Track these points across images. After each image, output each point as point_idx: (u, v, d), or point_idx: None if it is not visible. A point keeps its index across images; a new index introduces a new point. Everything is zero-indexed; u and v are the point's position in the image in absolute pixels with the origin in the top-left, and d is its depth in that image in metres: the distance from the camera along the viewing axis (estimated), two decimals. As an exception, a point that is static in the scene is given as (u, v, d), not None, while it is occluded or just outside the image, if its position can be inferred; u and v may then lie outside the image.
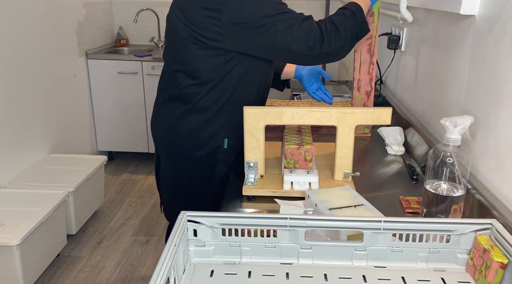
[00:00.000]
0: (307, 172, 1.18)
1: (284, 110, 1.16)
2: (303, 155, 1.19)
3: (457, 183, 0.94)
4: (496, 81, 0.99)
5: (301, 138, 1.25)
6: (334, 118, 1.17)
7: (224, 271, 0.84)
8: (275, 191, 1.17)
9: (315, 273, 0.83)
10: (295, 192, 1.16)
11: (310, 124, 1.18)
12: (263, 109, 1.16)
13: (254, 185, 1.18)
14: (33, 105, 2.63)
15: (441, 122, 0.95)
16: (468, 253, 0.84)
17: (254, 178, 1.19)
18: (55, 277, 2.26)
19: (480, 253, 0.80)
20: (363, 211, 1.02)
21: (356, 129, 1.62)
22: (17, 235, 1.93)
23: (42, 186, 2.39)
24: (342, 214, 1.00)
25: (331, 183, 1.21)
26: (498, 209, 0.92)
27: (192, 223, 0.85)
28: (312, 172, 1.18)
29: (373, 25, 1.48)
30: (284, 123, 1.17)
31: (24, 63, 2.55)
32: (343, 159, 1.20)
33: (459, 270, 0.85)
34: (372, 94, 1.59)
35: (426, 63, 1.50)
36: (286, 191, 1.16)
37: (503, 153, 0.96)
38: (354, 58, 1.55)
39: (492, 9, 1.02)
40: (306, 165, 1.20)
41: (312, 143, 1.22)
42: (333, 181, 1.22)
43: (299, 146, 1.19)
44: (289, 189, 1.17)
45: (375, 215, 1.00)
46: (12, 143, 2.45)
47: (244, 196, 1.18)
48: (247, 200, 1.17)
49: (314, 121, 1.17)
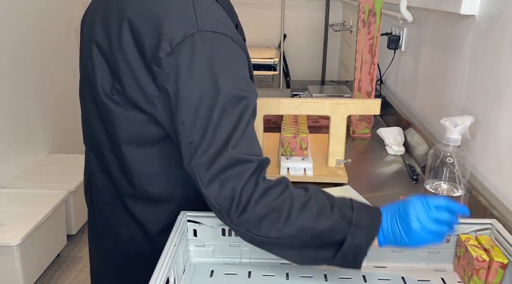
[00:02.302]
0: (303, 159, 1.26)
1: (282, 101, 1.25)
2: (299, 143, 1.27)
3: (457, 183, 0.94)
4: (496, 81, 0.99)
5: (297, 128, 1.33)
6: (328, 109, 1.25)
7: (224, 271, 0.84)
8: (272, 176, 1.20)
9: (315, 273, 0.83)
10: (291, 177, 1.22)
11: (306, 114, 1.29)
12: (263, 100, 1.21)
13: None
14: (33, 105, 2.63)
15: (441, 122, 0.95)
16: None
17: None
18: (55, 277, 2.26)
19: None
20: None
21: (356, 130, 1.64)
22: (17, 235, 1.93)
23: (42, 186, 2.38)
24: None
25: (325, 169, 1.28)
26: (498, 209, 0.92)
27: (192, 223, 0.85)
28: (307, 159, 1.26)
29: (375, 25, 1.49)
30: (281, 112, 1.27)
31: (24, 63, 2.54)
32: (336, 146, 1.28)
33: (459, 270, 0.85)
34: (373, 94, 1.59)
35: (426, 63, 1.50)
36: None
37: (503, 153, 0.96)
38: (355, 58, 1.55)
39: (492, 9, 1.02)
40: (302, 153, 1.28)
41: (308, 133, 1.30)
42: (326, 168, 1.29)
43: (295, 135, 1.27)
44: (285, 174, 1.24)
45: None
46: (12, 143, 2.45)
47: None
48: None
49: (309, 111, 1.27)
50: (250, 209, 0.69)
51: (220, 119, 0.71)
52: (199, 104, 0.71)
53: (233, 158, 0.70)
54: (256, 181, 0.71)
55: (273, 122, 1.69)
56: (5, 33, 2.38)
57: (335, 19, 3.64)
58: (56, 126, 2.91)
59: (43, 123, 2.76)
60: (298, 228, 0.71)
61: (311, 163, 1.25)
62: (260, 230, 0.70)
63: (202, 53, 0.71)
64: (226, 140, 0.70)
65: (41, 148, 2.75)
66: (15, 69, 2.46)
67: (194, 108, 0.71)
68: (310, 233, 0.71)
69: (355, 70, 1.56)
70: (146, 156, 0.84)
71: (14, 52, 2.45)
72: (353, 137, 1.63)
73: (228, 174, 0.70)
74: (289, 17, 3.65)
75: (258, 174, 0.72)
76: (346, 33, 3.35)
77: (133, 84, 0.76)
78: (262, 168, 0.74)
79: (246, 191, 0.70)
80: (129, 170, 0.85)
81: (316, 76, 3.79)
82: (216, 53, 0.72)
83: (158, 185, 0.86)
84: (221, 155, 0.70)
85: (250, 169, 0.71)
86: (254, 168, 0.72)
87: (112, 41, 0.77)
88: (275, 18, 3.68)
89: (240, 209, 0.70)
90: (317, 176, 1.23)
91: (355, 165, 1.34)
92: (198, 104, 0.71)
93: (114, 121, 0.82)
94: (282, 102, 1.25)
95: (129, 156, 0.84)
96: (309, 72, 3.81)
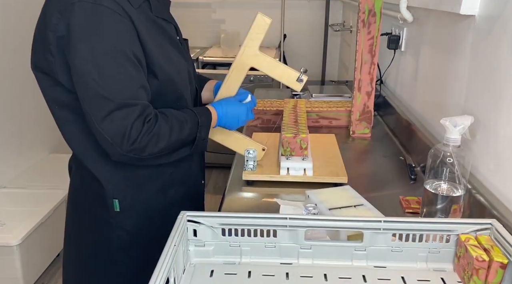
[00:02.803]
0: (302, 159, 1.26)
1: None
2: (299, 143, 1.27)
3: (457, 183, 0.94)
4: (496, 81, 0.99)
5: (297, 128, 1.33)
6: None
7: (224, 271, 0.84)
8: (272, 176, 1.25)
9: (315, 273, 0.83)
10: (291, 177, 1.24)
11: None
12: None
13: (253, 171, 1.26)
14: (33, 105, 2.63)
15: (441, 122, 0.95)
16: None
17: (253, 165, 1.26)
18: (55, 277, 2.25)
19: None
20: (363, 211, 1.02)
21: (356, 129, 1.64)
22: (17, 235, 1.93)
23: (42, 186, 2.38)
24: (342, 214, 1.01)
25: (325, 169, 1.27)
26: (498, 209, 0.92)
27: (192, 223, 0.85)
28: (307, 159, 1.26)
29: (375, 25, 1.49)
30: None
31: (24, 63, 2.54)
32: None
33: (459, 270, 0.85)
34: (372, 94, 1.59)
35: (426, 63, 1.50)
36: (283, 176, 1.24)
37: (503, 153, 0.96)
38: (355, 58, 1.55)
39: (492, 9, 1.02)
40: (302, 153, 1.28)
41: (308, 133, 1.29)
42: (326, 168, 1.27)
43: (295, 135, 1.27)
44: (285, 174, 1.24)
45: (375, 215, 1.00)
46: (12, 143, 2.45)
47: (244, 181, 1.26)
48: (247, 185, 1.26)
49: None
50: (138, 141, 0.96)
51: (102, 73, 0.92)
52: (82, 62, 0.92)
53: (121, 103, 0.93)
54: (142, 121, 0.96)
55: (273, 122, 1.69)
56: (6, 33, 2.38)
57: (335, 19, 3.64)
58: (56, 126, 2.90)
59: (43, 123, 2.76)
60: (170, 143, 1.02)
61: (311, 163, 1.24)
62: (145, 152, 0.98)
63: (79, 19, 0.90)
64: (113, 89, 0.93)
65: (41, 148, 2.75)
66: (15, 69, 2.46)
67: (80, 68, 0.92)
68: (178, 142, 1.04)
69: (355, 70, 1.56)
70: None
71: (14, 52, 2.45)
72: (353, 137, 1.63)
73: (116, 114, 0.93)
74: (289, 17, 3.65)
75: (144, 115, 0.96)
76: (346, 33, 3.35)
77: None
78: (144, 109, 0.96)
79: (134, 128, 0.95)
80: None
81: (316, 76, 3.79)
82: (92, 20, 0.91)
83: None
84: (109, 100, 0.92)
85: (136, 111, 0.95)
86: (140, 109, 0.95)
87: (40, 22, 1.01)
88: (275, 18, 3.68)
89: (130, 141, 0.95)
90: (317, 176, 1.23)
91: (355, 165, 1.34)
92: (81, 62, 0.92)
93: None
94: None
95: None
96: (309, 72, 3.76)
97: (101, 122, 0.93)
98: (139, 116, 0.95)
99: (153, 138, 0.98)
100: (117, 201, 1.08)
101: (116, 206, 1.08)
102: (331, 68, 3.81)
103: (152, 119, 0.98)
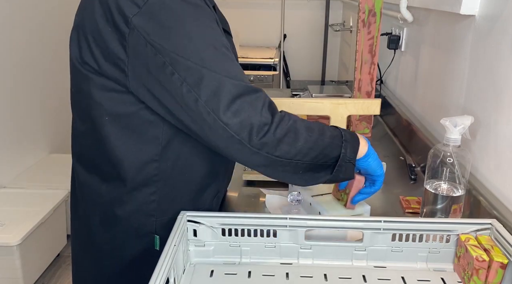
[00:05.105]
0: None
1: (282, 100, 1.27)
2: None
3: (457, 183, 0.94)
4: (496, 81, 0.99)
5: None
6: (328, 109, 1.26)
7: (224, 271, 0.84)
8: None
9: (315, 273, 0.83)
10: None
11: (306, 114, 1.30)
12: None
13: (253, 171, 1.26)
14: (33, 105, 2.63)
15: (441, 122, 0.95)
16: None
17: None
18: (55, 277, 2.26)
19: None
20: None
21: (356, 130, 1.63)
22: (17, 235, 1.93)
23: (42, 186, 2.38)
24: (324, 200, 1.03)
25: None
26: (498, 209, 0.92)
27: (192, 223, 0.85)
28: None
29: (375, 25, 1.49)
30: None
31: (24, 63, 2.54)
32: None
33: (459, 270, 0.85)
34: (373, 94, 1.59)
35: (426, 63, 1.50)
36: None
37: (503, 153, 0.96)
38: (355, 58, 1.55)
39: (492, 9, 1.02)
40: None
41: None
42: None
43: None
44: None
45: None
46: (12, 143, 2.45)
47: (244, 181, 1.27)
48: (247, 185, 1.26)
49: (309, 111, 1.29)
50: (271, 132, 0.77)
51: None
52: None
53: (243, 86, 0.77)
54: (271, 111, 0.79)
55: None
56: (6, 33, 2.38)
57: (335, 19, 3.64)
58: (56, 126, 2.91)
59: (43, 123, 2.76)
60: (310, 145, 0.81)
61: None
62: (280, 150, 0.79)
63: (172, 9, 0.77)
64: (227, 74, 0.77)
65: (41, 148, 2.75)
66: (15, 69, 2.46)
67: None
68: (318, 149, 0.82)
69: (355, 70, 1.56)
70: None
71: (14, 52, 2.45)
72: (353, 137, 1.63)
73: (240, 103, 0.76)
74: (289, 17, 3.65)
75: (272, 105, 0.80)
76: (346, 33, 3.35)
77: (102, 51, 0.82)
78: (267, 97, 0.81)
79: (264, 117, 0.77)
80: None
81: (316, 76, 3.79)
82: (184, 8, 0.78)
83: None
84: (225, 86, 0.76)
85: (260, 98, 0.78)
86: (263, 96, 0.79)
87: (85, 16, 0.85)
88: (275, 18, 3.68)
89: (261, 133, 0.77)
90: None
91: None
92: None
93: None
94: (283, 102, 1.25)
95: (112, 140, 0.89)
96: (309, 72, 3.81)
97: (224, 114, 0.75)
98: (264, 104, 0.78)
99: (289, 133, 0.79)
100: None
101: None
102: (331, 68, 3.81)
103: (282, 111, 0.82)
